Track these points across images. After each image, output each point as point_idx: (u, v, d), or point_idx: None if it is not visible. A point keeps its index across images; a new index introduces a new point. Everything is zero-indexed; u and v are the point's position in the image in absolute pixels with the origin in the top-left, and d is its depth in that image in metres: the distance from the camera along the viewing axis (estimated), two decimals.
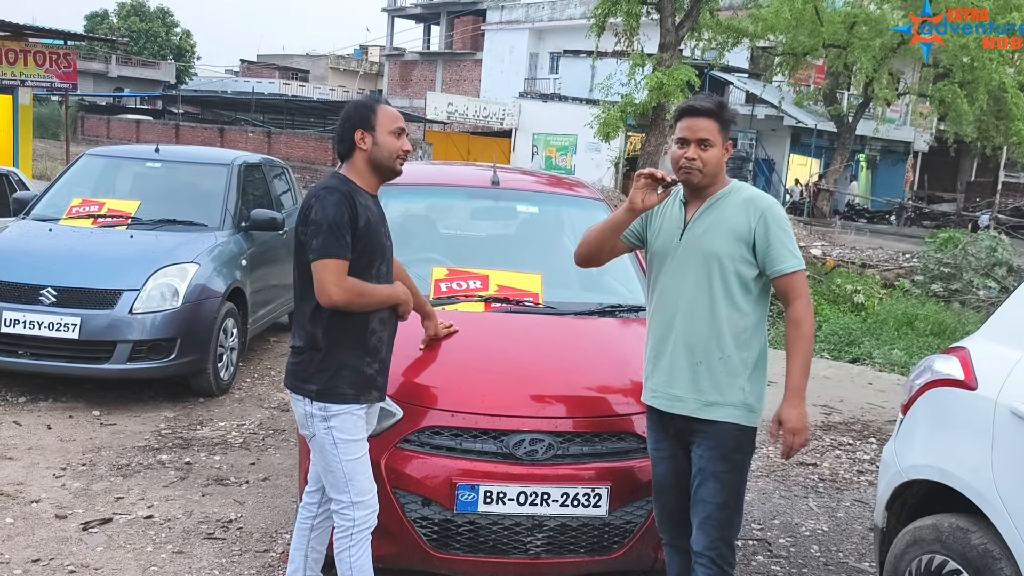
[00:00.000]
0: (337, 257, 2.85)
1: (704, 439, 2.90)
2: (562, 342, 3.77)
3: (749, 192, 2.96)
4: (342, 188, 2.92)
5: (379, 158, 2.99)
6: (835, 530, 4.58)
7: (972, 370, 2.93)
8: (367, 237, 2.93)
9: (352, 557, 2.97)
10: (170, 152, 7.46)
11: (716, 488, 2.87)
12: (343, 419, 2.96)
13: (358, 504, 2.98)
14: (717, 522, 2.88)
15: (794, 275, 2.86)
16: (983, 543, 2.71)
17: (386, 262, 3.07)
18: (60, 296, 5.63)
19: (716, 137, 2.87)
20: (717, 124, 2.87)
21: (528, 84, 39.31)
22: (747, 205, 2.89)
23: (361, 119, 2.98)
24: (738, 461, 2.92)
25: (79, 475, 4.65)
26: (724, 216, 2.89)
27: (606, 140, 21.25)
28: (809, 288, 2.92)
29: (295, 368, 3.01)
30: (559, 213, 4.84)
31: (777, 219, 2.87)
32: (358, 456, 3.00)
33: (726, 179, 2.99)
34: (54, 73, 15.06)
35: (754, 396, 2.93)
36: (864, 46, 23.04)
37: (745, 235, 2.86)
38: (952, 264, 13.31)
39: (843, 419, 6.68)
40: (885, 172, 36.07)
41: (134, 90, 53.45)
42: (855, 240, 18.80)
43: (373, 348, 3.01)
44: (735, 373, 2.89)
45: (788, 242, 2.86)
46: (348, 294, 2.87)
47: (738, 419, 2.89)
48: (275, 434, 5.47)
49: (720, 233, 2.87)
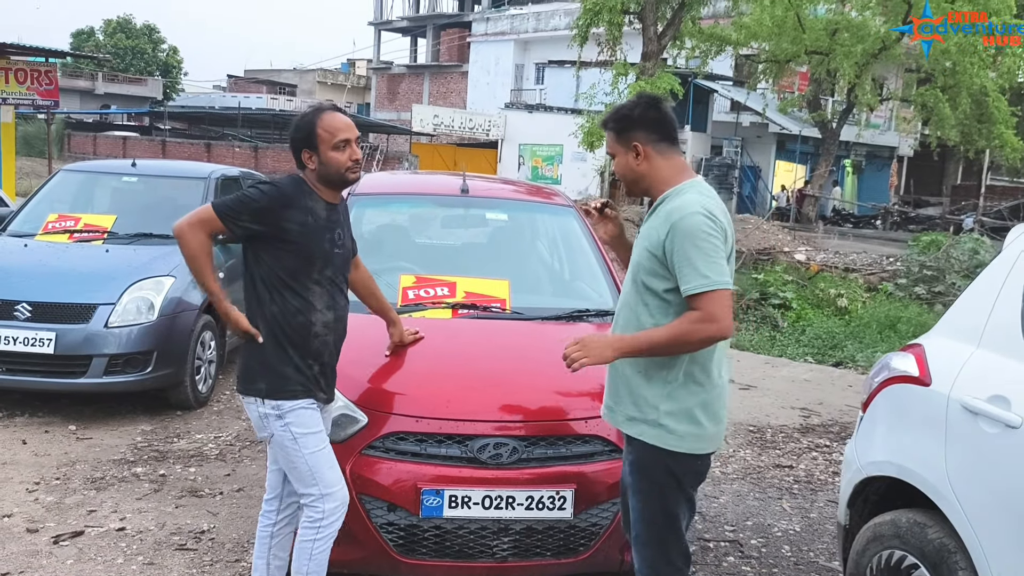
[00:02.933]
0: (217, 211, 2.94)
1: (629, 451, 2.82)
2: (528, 347, 3.80)
3: (676, 201, 2.70)
4: (286, 186, 3.00)
5: (327, 174, 3.02)
6: (807, 530, 4.60)
7: (927, 366, 2.97)
8: (302, 240, 2.97)
9: (314, 549, 2.99)
10: (147, 166, 7.47)
11: (637, 505, 2.78)
12: (297, 414, 3.00)
13: (327, 496, 3.00)
14: (644, 538, 2.78)
15: (699, 297, 2.56)
16: (939, 537, 2.74)
17: (332, 267, 3.07)
18: (35, 311, 5.62)
19: (614, 147, 2.82)
20: (612, 134, 2.82)
21: (514, 95, 39.47)
22: (667, 216, 2.68)
23: (304, 139, 3.01)
24: (658, 480, 2.72)
25: (52, 489, 4.65)
26: (650, 225, 2.75)
27: (590, 149, 21.34)
28: (728, 315, 2.58)
29: (244, 371, 3.06)
30: (528, 220, 4.87)
31: (685, 232, 2.59)
32: (320, 448, 3.03)
33: (677, 180, 2.78)
34: (36, 90, 15.06)
35: (672, 418, 2.68)
36: (846, 52, 23.17)
37: (657, 248, 2.67)
38: (935, 267, 13.38)
39: (821, 421, 6.71)
40: (871, 177, 36.26)
41: (121, 107, 53.45)
42: (839, 244, 18.88)
43: (315, 351, 3.04)
44: (652, 390, 2.70)
45: (696, 258, 2.57)
46: (183, 237, 2.94)
47: (651, 439, 2.70)
48: (251, 446, 5.46)
49: (642, 243, 2.77)
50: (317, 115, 3.01)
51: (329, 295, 3.07)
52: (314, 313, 3.02)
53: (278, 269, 2.98)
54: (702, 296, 2.56)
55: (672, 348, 2.62)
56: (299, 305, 3.00)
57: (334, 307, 3.09)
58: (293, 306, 2.99)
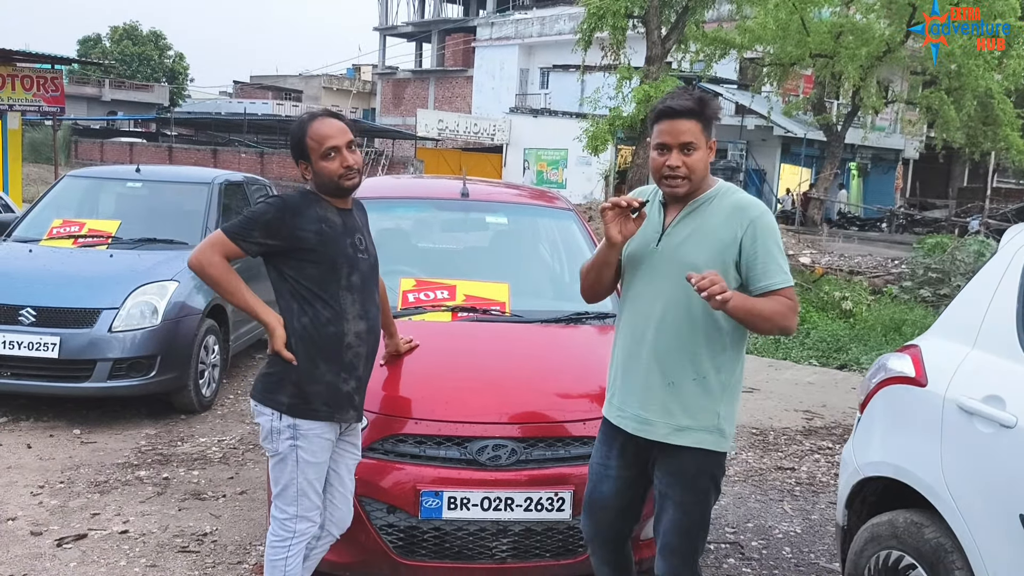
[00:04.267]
0: (227, 233, 2.90)
1: (668, 463, 2.71)
2: (527, 349, 3.82)
3: (737, 197, 2.68)
4: (292, 198, 2.97)
5: (321, 184, 2.97)
6: (808, 532, 4.60)
7: (923, 367, 2.98)
8: (321, 247, 2.93)
9: (288, 565, 3.00)
10: (151, 172, 7.51)
11: (678, 517, 2.70)
12: (311, 440, 2.94)
13: (302, 518, 3.00)
14: (678, 549, 2.73)
15: (786, 290, 2.59)
16: (936, 537, 2.75)
17: (359, 272, 3.00)
18: (39, 316, 5.66)
19: (700, 139, 2.60)
20: (699, 124, 2.60)
21: (519, 99, 39.53)
22: (735, 212, 2.63)
23: (298, 152, 2.98)
24: (703, 487, 2.70)
25: (56, 492, 4.68)
26: (708, 224, 2.64)
27: (595, 153, 21.35)
28: (799, 303, 2.68)
29: (267, 379, 2.98)
30: (528, 223, 4.89)
31: (767, 229, 2.61)
32: (317, 477, 3.01)
33: (712, 180, 2.73)
34: (42, 97, 15.16)
35: (727, 420, 2.71)
36: (851, 55, 23.15)
37: (730, 246, 2.60)
38: (940, 269, 13.36)
39: (824, 424, 6.71)
40: (876, 180, 36.22)
41: (128, 113, 53.67)
42: (844, 248, 18.89)
43: (349, 363, 2.98)
44: (710, 396, 2.66)
45: (778, 256, 2.61)
46: (201, 264, 2.90)
47: (709, 444, 2.67)
48: (255, 449, 5.49)
49: (702, 243, 2.62)
50: (306, 124, 2.94)
51: (361, 304, 2.98)
52: (346, 323, 2.94)
53: (304, 280, 2.92)
54: (788, 290, 2.60)
55: (761, 322, 2.56)
56: (330, 315, 2.92)
57: (366, 316, 3.00)
58: (324, 316, 2.91)
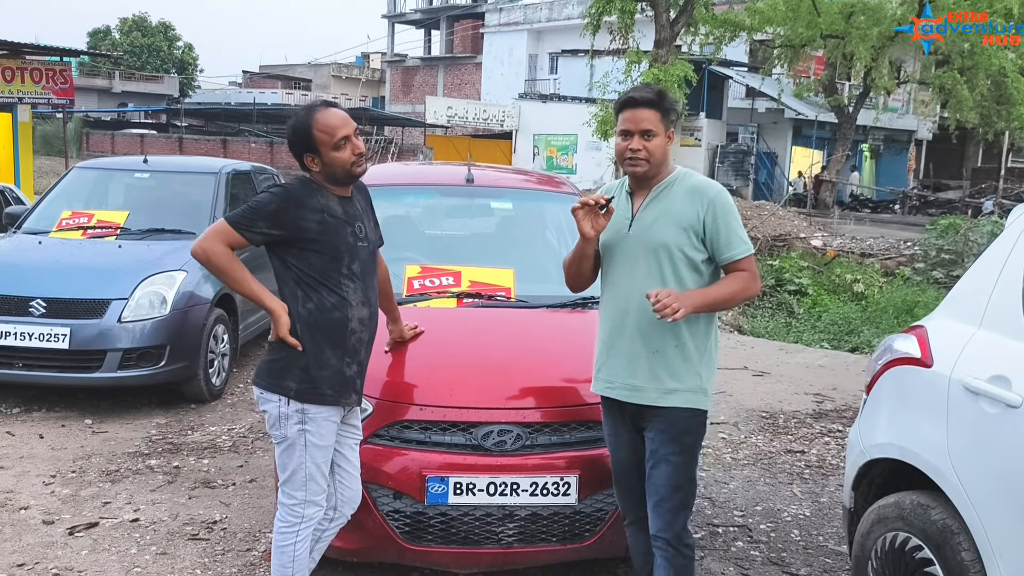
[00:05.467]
0: (231, 222, 2.93)
1: (657, 423, 2.93)
2: (532, 334, 3.81)
3: (695, 180, 2.99)
4: (294, 187, 2.97)
5: (332, 174, 2.98)
6: (817, 515, 4.59)
7: (928, 347, 2.96)
8: (323, 237, 2.94)
9: (296, 551, 3.02)
10: (158, 163, 7.52)
11: (668, 471, 2.91)
12: (319, 424, 2.97)
13: (310, 503, 3.02)
14: (670, 504, 2.92)
15: (747, 259, 2.90)
16: (942, 518, 2.73)
17: (359, 261, 3.03)
18: (50, 307, 5.69)
19: (658, 126, 2.89)
20: (658, 113, 2.89)
21: (528, 85, 39.40)
22: (694, 194, 2.92)
23: (303, 143, 2.95)
24: (689, 443, 2.95)
25: (68, 482, 4.71)
26: (672, 206, 2.92)
27: (604, 138, 21.31)
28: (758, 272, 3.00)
29: (272, 366, 3.00)
30: (533, 208, 4.88)
31: (725, 207, 2.91)
32: (324, 460, 3.03)
33: (672, 167, 3.02)
34: (51, 89, 15.22)
35: (708, 380, 2.97)
36: (862, 35, 22.99)
37: (694, 224, 2.89)
38: (953, 250, 13.28)
39: (835, 407, 6.69)
40: (889, 161, 35.97)
41: (138, 105, 53.79)
42: (856, 230, 18.77)
43: (352, 348, 3.01)
44: (690, 360, 2.92)
45: (737, 228, 2.91)
46: (205, 253, 2.92)
47: (693, 403, 2.92)
48: (264, 437, 5.51)
49: (668, 223, 2.90)
50: (311, 116, 2.94)
51: (362, 291, 3.03)
52: (350, 309, 2.98)
53: (307, 269, 2.95)
54: (748, 259, 2.90)
55: (726, 303, 2.95)
56: (335, 301, 2.96)
57: (368, 303, 3.06)
58: (329, 302, 2.95)
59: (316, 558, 3.22)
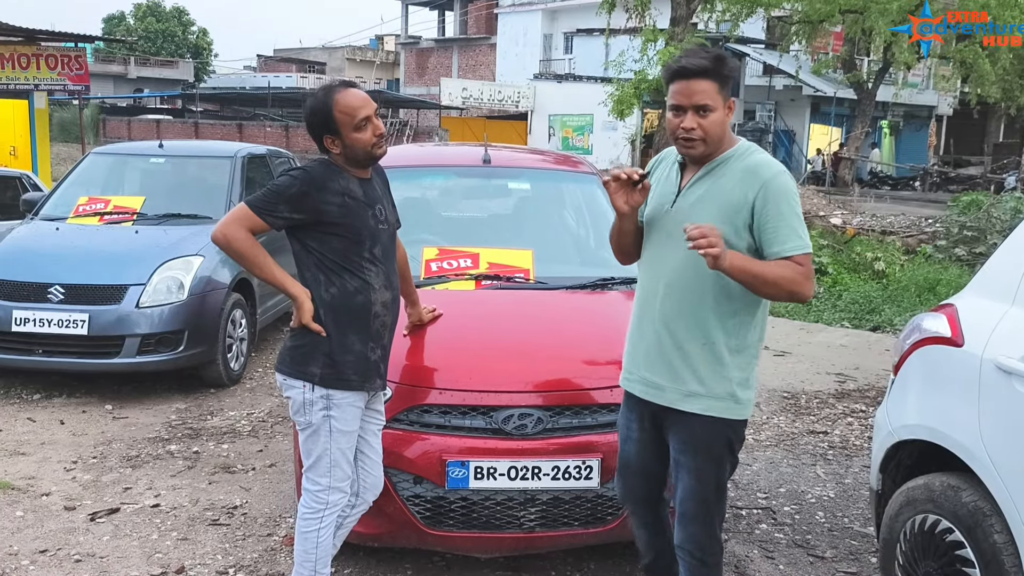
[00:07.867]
0: (252, 207, 2.88)
1: (680, 430, 2.66)
2: (552, 317, 3.76)
3: (755, 158, 2.58)
4: (315, 170, 2.92)
5: (354, 156, 2.93)
6: (842, 496, 4.53)
7: (959, 326, 2.89)
8: (344, 220, 2.90)
9: (320, 537, 3.00)
10: (174, 147, 7.51)
11: (692, 485, 2.65)
12: (344, 409, 2.94)
13: (335, 489, 2.99)
14: (694, 516, 2.68)
15: (800, 257, 2.48)
16: (973, 500, 2.68)
17: (380, 244, 3.00)
18: (68, 293, 5.70)
19: (716, 99, 2.49)
20: (715, 83, 2.49)
21: (543, 65, 39.14)
22: (747, 174, 2.53)
23: (323, 124, 2.90)
24: (716, 455, 2.64)
25: (89, 468, 4.72)
26: (721, 185, 2.55)
27: (620, 118, 21.11)
28: (815, 275, 2.55)
29: (295, 352, 2.96)
30: (552, 189, 4.82)
31: (781, 191, 2.49)
32: (349, 446, 3.01)
33: (732, 139, 2.62)
34: (67, 76, 15.22)
35: (742, 386, 2.62)
36: (882, 10, 22.57)
37: (741, 208, 2.50)
38: (976, 227, 13.08)
39: (857, 387, 6.61)
40: (909, 138, 35.57)
41: (154, 90, 53.86)
42: (876, 207, 18.54)
43: (376, 332, 2.99)
44: (720, 361, 2.58)
45: (792, 219, 2.48)
46: (227, 238, 2.89)
47: (719, 412, 2.60)
48: (284, 422, 5.51)
49: (712, 205, 2.54)
50: (331, 96, 2.88)
51: (385, 274, 2.99)
52: (373, 293, 2.94)
53: (328, 253, 2.91)
54: (803, 256, 2.48)
55: (764, 286, 2.47)
56: (358, 285, 2.92)
57: (390, 286, 3.02)
58: (352, 286, 2.91)
59: (338, 544, 3.20)
